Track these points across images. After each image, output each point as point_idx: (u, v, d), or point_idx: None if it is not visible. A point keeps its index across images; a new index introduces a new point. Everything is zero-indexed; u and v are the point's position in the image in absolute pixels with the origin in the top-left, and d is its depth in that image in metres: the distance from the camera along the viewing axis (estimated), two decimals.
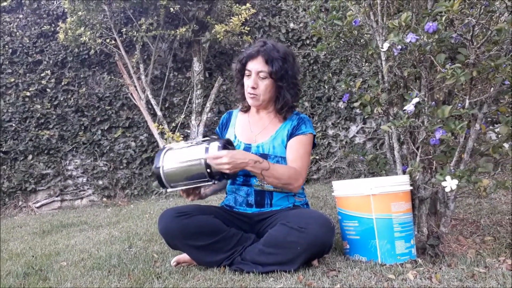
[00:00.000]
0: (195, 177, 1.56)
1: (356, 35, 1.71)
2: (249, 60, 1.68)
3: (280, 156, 1.67)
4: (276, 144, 1.69)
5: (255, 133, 1.75)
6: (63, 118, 4.52)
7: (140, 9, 4.10)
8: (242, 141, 1.74)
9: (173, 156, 1.58)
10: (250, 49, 1.70)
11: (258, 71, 1.66)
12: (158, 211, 3.29)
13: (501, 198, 2.38)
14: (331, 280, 1.36)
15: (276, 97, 1.71)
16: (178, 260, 1.68)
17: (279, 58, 1.64)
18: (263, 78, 1.66)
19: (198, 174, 1.54)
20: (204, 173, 1.52)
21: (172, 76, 4.53)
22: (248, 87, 1.68)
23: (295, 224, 1.47)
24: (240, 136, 1.77)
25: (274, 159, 1.66)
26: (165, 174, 1.57)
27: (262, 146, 1.70)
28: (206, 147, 1.52)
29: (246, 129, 1.78)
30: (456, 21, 1.40)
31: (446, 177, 1.35)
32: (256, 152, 1.68)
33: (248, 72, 1.68)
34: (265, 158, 1.64)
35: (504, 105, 1.49)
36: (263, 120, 1.77)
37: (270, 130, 1.73)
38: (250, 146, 1.71)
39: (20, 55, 4.52)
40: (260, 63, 1.66)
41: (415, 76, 1.63)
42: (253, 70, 1.67)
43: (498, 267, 1.36)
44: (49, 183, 4.48)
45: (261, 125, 1.76)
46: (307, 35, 4.34)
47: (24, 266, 1.88)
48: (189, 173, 1.55)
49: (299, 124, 1.71)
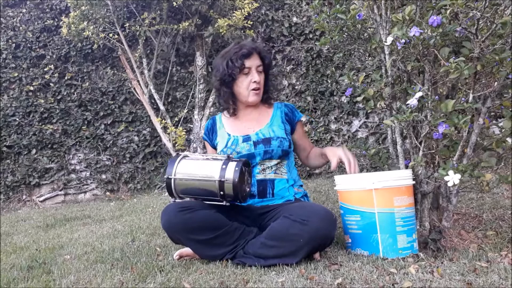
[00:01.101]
0: (206, 194, 1.58)
1: (360, 29, 1.70)
2: (246, 58, 1.74)
3: (282, 137, 1.74)
4: (275, 128, 1.77)
5: (250, 127, 1.80)
6: (67, 112, 4.54)
7: (143, 3, 4.09)
8: (239, 135, 1.78)
9: (187, 167, 1.59)
10: (237, 50, 1.74)
11: (257, 66, 1.76)
12: (161, 205, 3.30)
13: (503, 193, 2.37)
14: (333, 273, 1.37)
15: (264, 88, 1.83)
16: (180, 254, 1.69)
17: (266, 53, 1.81)
18: (260, 72, 1.78)
19: (210, 192, 1.56)
20: (217, 193, 1.54)
21: (175, 71, 4.53)
22: (252, 83, 1.75)
23: (298, 217, 1.47)
24: (234, 132, 1.80)
25: (277, 140, 1.72)
26: (176, 185, 1.58)
27: (261, 132, 1.76)
28: (223, 168, 1.53)
29: (239, 126, 1.82)
30: (460, 15, 1.39)
31: (449, 171, 1.35)
32: (257, 138, 1.73)
33: (247, 69, 1.74)
34: (269, 141, 1.71)
35: (507, 99, 1.47)
36: (253, 115, 1.83)
37: (264, 120, 1.81)
38: (249, 136, 1.75)
39: (24, 49, 4.53)
40: (257, 59, 1.77)
41: (419, 70, 1.62)
42: (253, 66, 1.75)
43: (500, 262, 1.36)
44: (53, 177, 4.50)
45: (253, 119, 1.82)
46: (310, 29, 4.32)
47: (28, 259, 1.89)
48: (201, 189, 1.57)
49: (293, 111, 1.85)
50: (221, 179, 1.52)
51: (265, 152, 1.70)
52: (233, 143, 1.75)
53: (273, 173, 1.72)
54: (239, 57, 1.72)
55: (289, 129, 1.80)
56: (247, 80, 1.75)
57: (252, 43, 1.81)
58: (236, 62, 1.72)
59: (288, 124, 1.81)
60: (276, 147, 1.70)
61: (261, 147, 1.71)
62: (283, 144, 1.72)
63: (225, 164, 1.54)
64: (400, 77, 1.66)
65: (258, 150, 1.70)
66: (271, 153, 1.70)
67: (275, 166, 1.73)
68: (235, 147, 1.74)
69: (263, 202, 1.71)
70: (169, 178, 1.58)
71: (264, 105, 1.86)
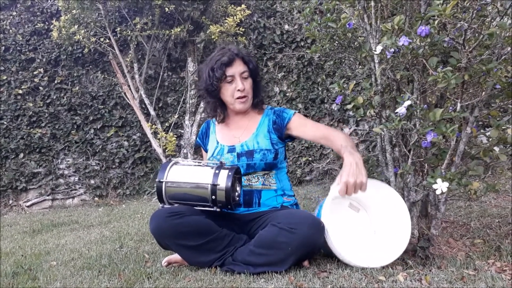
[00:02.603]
0: (196, 199, 1.58)
1: (350, 37, 1.71)
2: (228, 66, 1.70)
3: (266, 149, 1.70)
4: (260, 139, 1.73)
5: (237, 135, 1.78)
6: (56, 116, 4.49)
7: (135, 8, 4.09)
8: (225, 145, 1.77)
9: (179, 173, 1.60)
10: (218, 58, 1.70)
11: (241, 72, 1.72)
12: (150, 211, 3.27)
13: (491, 201, 2.40)
14: (322, 281, 1.36)
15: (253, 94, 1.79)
16: (169, 260, 1.67)
17: (250, 57, 1.77)
18: (245, 78, 1.73)
19: (201, 197, 1.56)
20: (208, 198, 1.54)
21: (166, 76, 4.52)
22: (236, 91, 1.71)
23: (286, 225, 1.47)
24: (222, 141, 1.80)
25: (260, 152, 1.69)
26: (167, 189, 1.58)
27: (246, 144, 1.73)
28: (215, 173, 1.54)
29: (228, 134, 1.81)
30: (448, 25, 1.41)
31: (437, 179, 1.36)
32: (241, 150, 1.71)
33: (230, 78, 1.71)
34: (252, 154, 1.68)
35: (495, 109, 1.50)
36: (242, 121, 1.81)
37: (251, 128, 1.77)
38: (234, 147, 1.74)
39: (13, 52, 4.48)
40: (240, 65, 1.72)
41: (408, 79, 1.64)
42: (236, 74, 1.71)
43: (487, 270, 1.37)
44: (41, 182, 4.45)
45: (241, 127, 1.80)
46: (302, 37, 4.35)
47: (13, 265, 1.86)
48: (192, 194, 1.57)
49: (280, 116, 1.76)
50: (214, 183, 1.52)
51: (247, 165, 1.69)
52: (218, 153, 1.76)
53: (260, 184, 1.70)
54: (219, 66, 1.68)
55: (276, 137, 1.74)
56: (231, 88, 1.72)
57: (235, 49, 1.74)
58: (217, 72, 1.68)
59: (276, 132, 1.74)
60: (259, 161, 1.68)
61: (243, 159, 1.69)
62: (266, 157, 1.68)
63: (218, 170, 1.55)
64: (390, 86, 1.67)
65: (241, 162, 1.69)
66: (253, 166, 1.69)
67: (263, 178, 1.71)
68: (220, 157, 1.73)
69: (249, 211, 1.70)
70: (160, 181, 1.58)
71: (255, 111, 1.82)
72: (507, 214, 2.06)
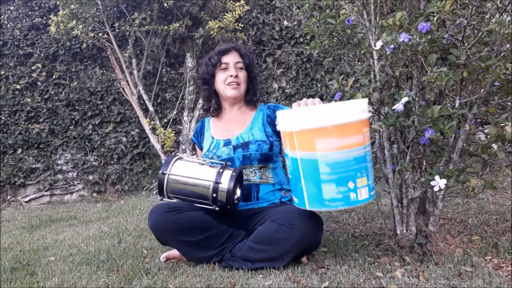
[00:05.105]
0: (196, 196, 1.59)
1: (349, 34, 1.71)
2: (224, 55, 1.79)
3: (261, 140, 1.72)
4: (254, 131, 1.76)
5: (232, 129, 1.81)
6: (54, 112, 4.48)
7: (133, 3, 4.07)
8: (221, 139, 1.78)
9: (182, 167, 1.61)
10: (218, 48, 1.82)
11: (236, 62, 1.79)
12: (148, 206, 3.27)
13: (488, 198, 2.40)
14: (319, 277, 1.37)
15: (247, 88, 1.84)
16: (167, 256, 1.67)
17: (247, 52, 1.85)
18: (240, 69, 1.80)
19: (201, 194, 1.57)
20: (209, 196, 1.56)
21: (164, 72, 4.51)
22: (229, 77, 1.77)
23: (284, 221, 1.47)
24: (217, 135, 1.82)
25: (255, 143, 1.71)
26: (169, 182, 1.59)
27: (241, 136, 1.75)
28: (219, 172, 1.56)
29: (222, 129, 1.83)
30: (448, 22, 1.41)
31: (435, 176, 1.36)
32: (237, 143, 1.74)
33: (224, 65, 1.78)
34: (247, 145, 1.71)
35: (493, 106, 1.50)
36: (236, 116, 1.84)
37: (246, 122, 1.81)
38: (230, 140, 1.76)
39: (11, 47, 4.46)
40: (235, 56, 1.80)
41: (407, 75, 1.64)
42: (230, 62, 1.79)
43: (485, 266, 1.38)
44: (39, 178, 4.44)
45: (235, 121, 1.83)
46: (301, 33, 4.34)
47: (11, 260, 1.86)
48: (193, 191, 1.58)
49: (275, 110, 1.79)
50: (217, 181, 1.54)
51: (243, 156, 1.71)
52: (215, 147, 1.77)
53: (258, 178, 1.72)
54: (215, 53, 1.79)
55: (270, 131, 1.76)
56: (225, 75, 1.78)
57: (235, 43, 1.86)
58: (213, 59, 1.79)
59: (270, 126, 1.77)
60: (254, 151, 1.70)
61: (239, 151, 1.71)
62: (261, 148, 1.70)
63: (222, 169, 1.57)
64: (389, 82, 1.67)
65: (237, 154, 1.71)
66: (249, 157, 1.70)
67: (260, 171, 1.72)
68: (216, 151, 1.75)
69: (248, 206, 1.71)
70: (164, 173, 1.59)
71: (248, 107, 1.86)
72: (504, 211, 2.07)
